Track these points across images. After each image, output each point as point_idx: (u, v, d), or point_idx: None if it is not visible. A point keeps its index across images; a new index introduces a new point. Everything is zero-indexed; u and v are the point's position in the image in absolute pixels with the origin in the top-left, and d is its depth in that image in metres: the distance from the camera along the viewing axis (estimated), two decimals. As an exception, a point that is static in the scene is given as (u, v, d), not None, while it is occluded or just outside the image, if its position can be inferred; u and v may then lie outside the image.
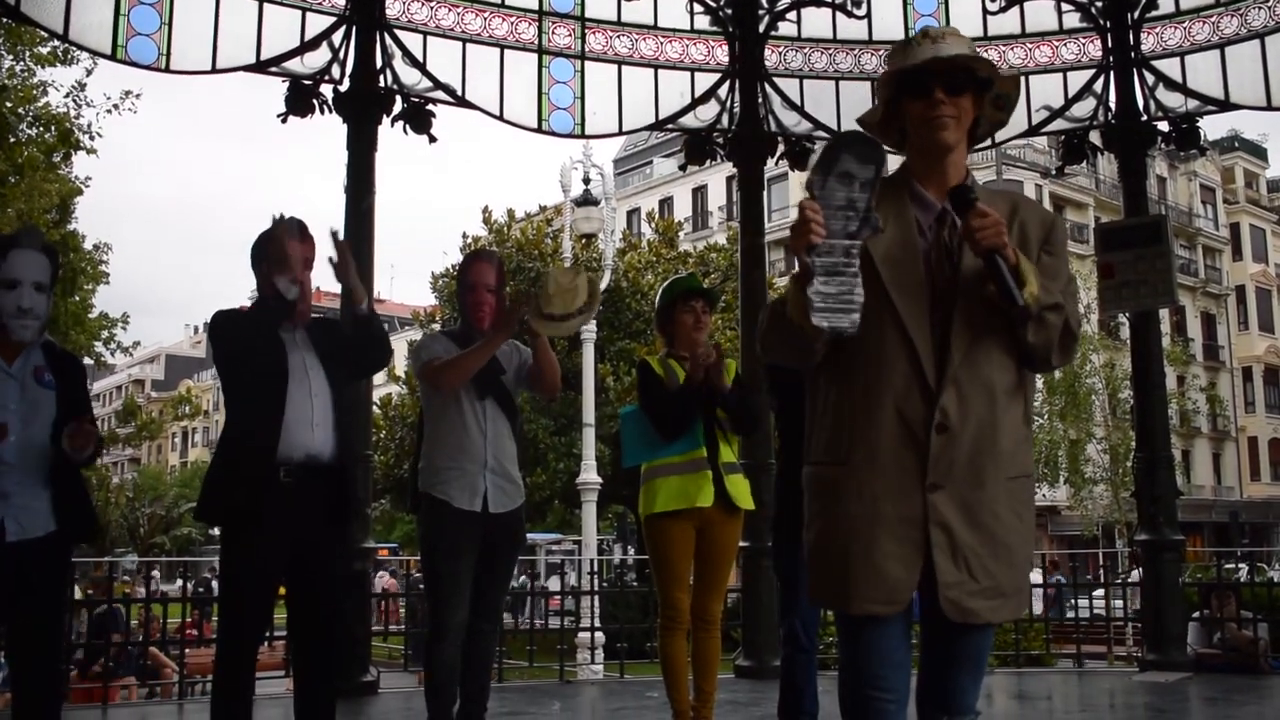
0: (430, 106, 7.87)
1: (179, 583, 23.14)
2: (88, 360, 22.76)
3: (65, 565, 4.20)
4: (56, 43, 14.22)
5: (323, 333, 4.39)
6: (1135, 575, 12.05)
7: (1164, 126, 8.56)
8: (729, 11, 8.57)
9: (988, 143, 2.74)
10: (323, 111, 7.60)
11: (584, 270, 4.75)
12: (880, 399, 2.55)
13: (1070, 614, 10.86)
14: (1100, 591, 11.90)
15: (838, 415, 2.62)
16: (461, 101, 7.95)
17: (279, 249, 4.16)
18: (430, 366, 4.80)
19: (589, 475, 15.05)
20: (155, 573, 26.59)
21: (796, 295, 2.48)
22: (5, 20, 11.29)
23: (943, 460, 2.52)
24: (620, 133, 8.90)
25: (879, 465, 2.54)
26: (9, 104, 14.54)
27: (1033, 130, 8.99)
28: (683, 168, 9.54)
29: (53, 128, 15.82)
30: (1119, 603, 10.98)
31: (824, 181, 2.48)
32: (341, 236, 4.53)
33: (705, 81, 8.58)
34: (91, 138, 16.31)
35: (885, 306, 2.53)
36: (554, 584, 20.98)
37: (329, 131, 7.62)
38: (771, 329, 2.66)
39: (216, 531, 4.57)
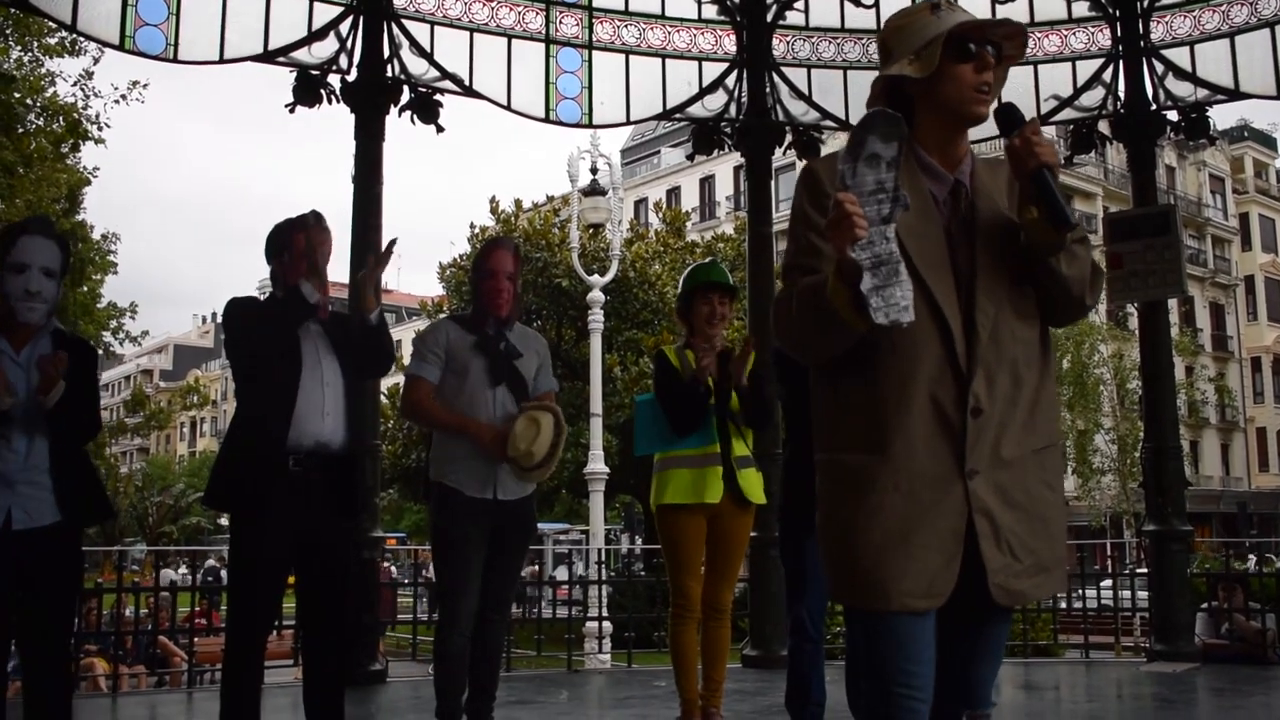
0: (438, 96, 7.87)
1: (182, 570, 23.22)
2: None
3: (75, 553, 4.20)
4: (64, 33, 14.26)
5: (337, 323, 4.40)
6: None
7: (1173, 116, 8.54)
8: (736, 1, 8.55)
9: (995, 131, 2.67)
10: (330, 102, 7.61)
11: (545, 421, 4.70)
12: (915, 383, 2.44)
13: (1078, 604, 10.83)
14: (1108, 582, 11.89)
15: (869, 401, 2.48)
16: (469, 91, 7.95)
17: (311, 251, 4.18)
18: (415, 393, 4.81)
19: (596, 465, 15.03)
20: (168, 567, 26.58)
21: (843, 293, 2.34)
22: (13, 10, 11.30)
23: (980, 444, 2.44)
24: (628, 122, 8.89)
25: (916, 453, 2.43)
26: (17, 94, 14.57)
27: (1041, 119, 8.94)
28: (690, 157, 9.52)
29: (61, 118, 15.86)
30: (1126, 593, 10.97)
31: (854, 168, 2.37)
32: (385, 240, 4.53)
33: (713, 71, 8.57)
34: (100, 128, 16.36)
35: (917, 287, 2.41)
36: (562, 573, 21.06)
37: (344, 122, 7.63)
38: (806, 322, 2.47)
39: (225, 520, 4.58)
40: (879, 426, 2.45)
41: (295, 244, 4.27)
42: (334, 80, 7.61)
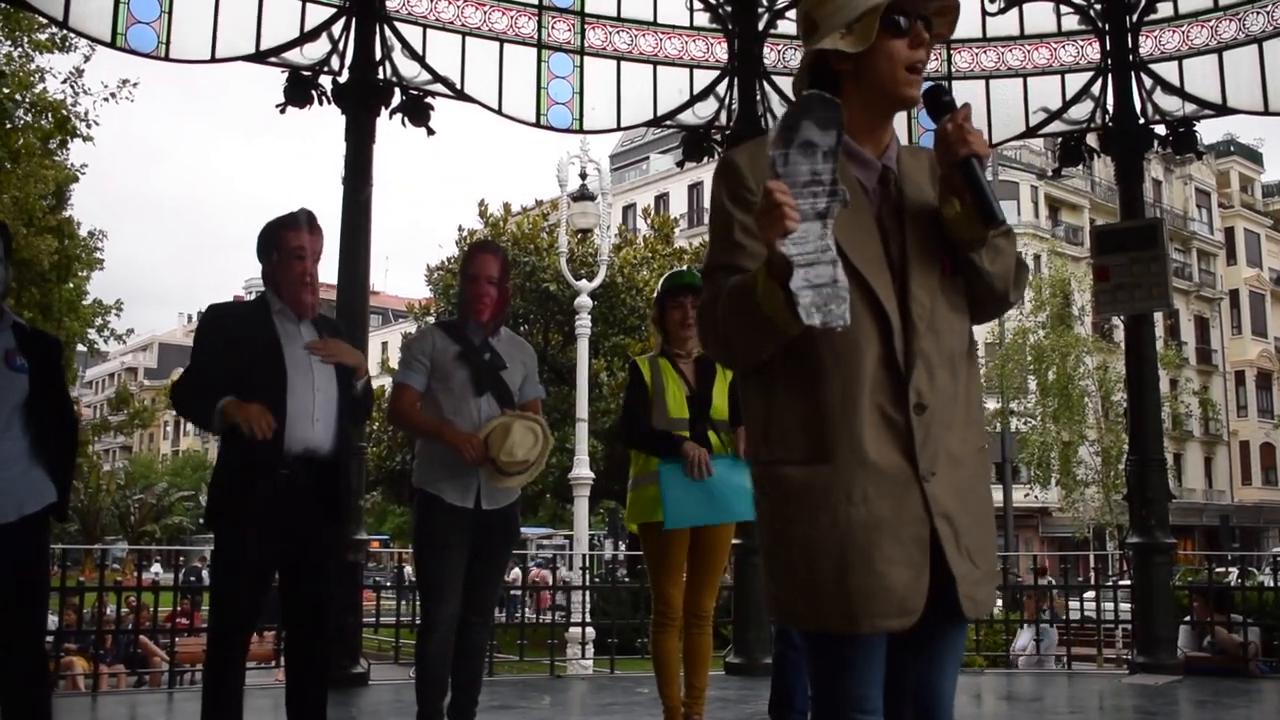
0: (429, 99, 7.87)
1: (155, 568, 23.05)
2: (80, 347, 22.76)
3: (43, 549, 4.15)
4: (54, 29, 14.22)
5: (328, 327, 4.38)
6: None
7: (1161, 130, 8.58)
8: (728, 9, 8.56)
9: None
10: (321, 103, 7.60)
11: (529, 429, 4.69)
12: (857, 383, 2.26)
13: (1061, 615, 10.88)
14: (1091, 593, 11.92)
15: (807, 405, 2.29)
16: (460, 95, 7.95)
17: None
18: (399, 400, 4.82)
19: (581, 470, 15.04)
20: (147, 562, 26.49)
21: (772, 291, 2.14)
22: (4, 5, 11.26)
23: (929, 443, 2.27)
24: (618, 128, 8.90)
25: (867, 459, 2.24)
26: (6, 90, 14.52)
27: (1030, 132, 9.00)
28: (680, 164, 9.53)
29: (49, 114, 15.82)
30: (1109, 605, 11.00)
31: (786, 155, 2.13)
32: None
33: (704, 78, 8.58)
34: (88, 125, 16.32)
35: (853, 280, 2.21)
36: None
37: (336, 123, 7.61)
38: (733, 323, 2.28)
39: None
40: (821, 433, 2.27)
41: (284, 243, 4.25)
42: (325, 81, 7.61)
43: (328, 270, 4.53)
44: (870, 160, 2.42)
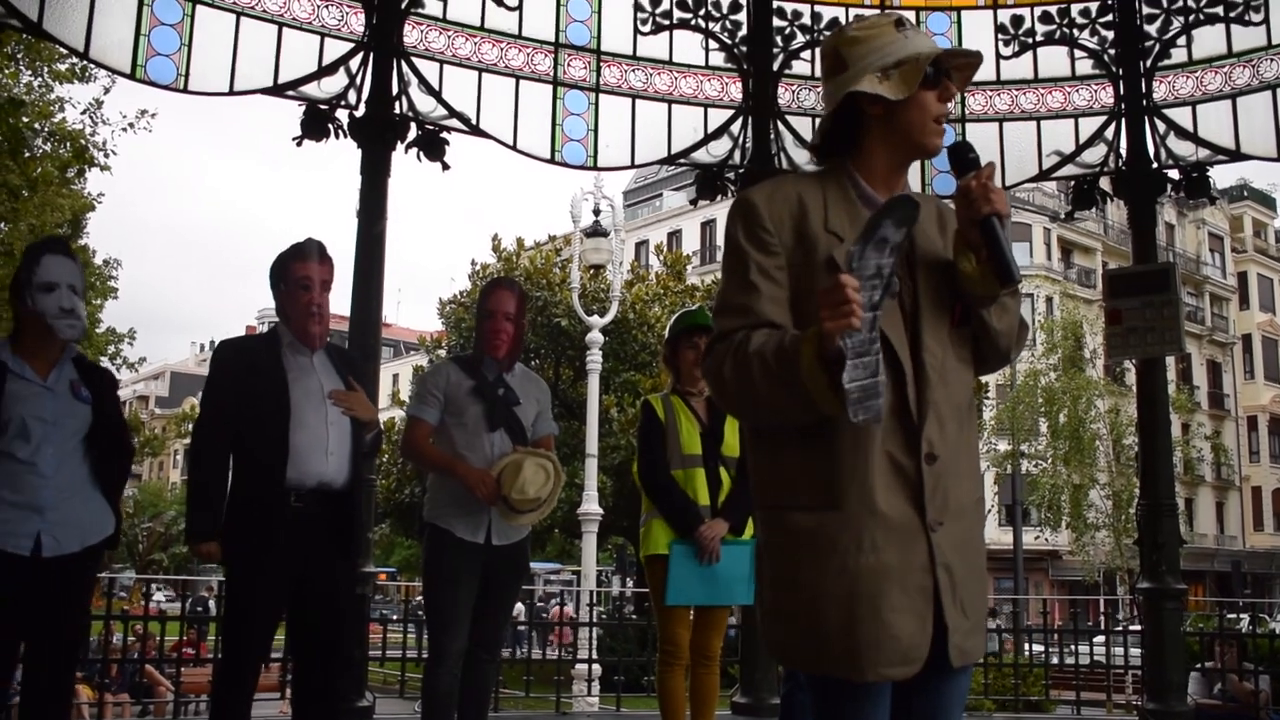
0: (444, 134, 7.91)
1: (158, 596, 22.94)
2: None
3: (93, 580, 4.22)
4: (74, 60, 14.34)
5: (345, 362, 4.42)
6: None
7: (1174, 174, 8.57)
8: (743, 49, 8.61)
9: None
10: (338, 136, 7.64)
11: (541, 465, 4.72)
12: (870, 431, 2.25)
13: (1070, 660, 10.79)
14: (1101, 638, 11.83)
15: (818, 452, 2.29)
16: (476, 130, 7.99)
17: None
18: (413, 433, 4.82)
19: (590, 506, 15.01)
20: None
21: (817, 375, 2.15)
22: (25, 35, 11.37)
23: (937, 494, 2.29)
24: (632, 165, 8.93)
25: (876, 507, 2.24)
26: (25, 119, 14.63)
27: (1043, 175, 9.00)
28: (694, 202, 9.55)
29: (68, 144, 15.93)
30: (1119, 650, 10.93)
31: (862, 251, 2.15)
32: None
33: (718, 117, 8.61)
34: (106, 155, 16.43)
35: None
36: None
37: (354, 156, 7.64)
38: (769, 393, 2.25)
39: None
40: (830, 479, 2.28)
41: (291, 274, 4.28)
42: (342, 115, 7.65)
43: (340, 302, 4.55)
44: None
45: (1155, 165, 8.52)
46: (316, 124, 7.58)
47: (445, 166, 7.90)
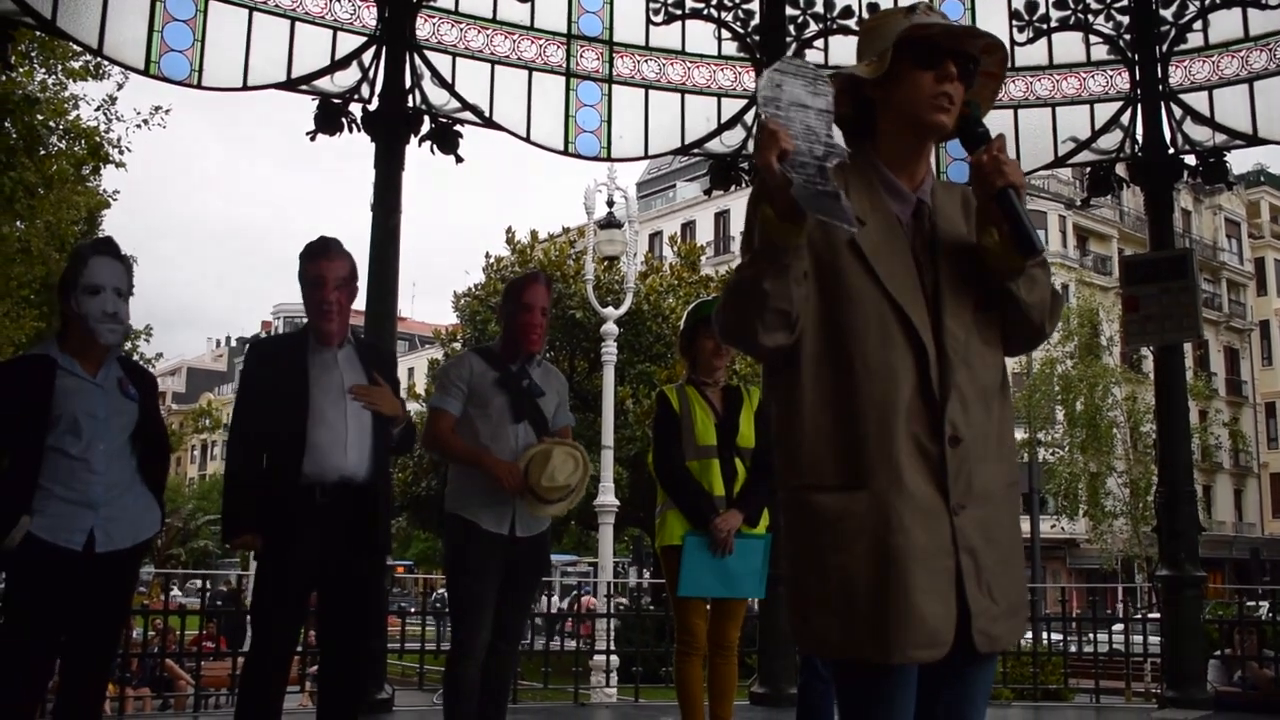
0: (458, 127, 7.91)
1: (175, 592, 23.06)
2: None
3: (136, 576, 4.26)
4: (88, 57, 14.37)
5: (369, 351, 4.45)
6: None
7: (1191, 160, 8.53)
8: (755, 38, 8.59)
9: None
10: (351, 130, 7.65)
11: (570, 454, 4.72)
12: (895, 411, 2.27)
13: (1089, 648, 10.76)
14: (1119, 626, 11.80)
15: (843, 431, 2.29)
16: (489, 122, 7.99)
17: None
18: (436, 425, 4.83)
19: (606, 498, 15.03)
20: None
21: (770, 201, 2.18)
22: (39, 33, 11.40)
23: (961, 476, 2.28)
24: (646, 156, 8.92)
25: (904, 488, 2.24)
26: (40, 116, 14.67)
27: (1059, 161, 8.97)
28: (707, 192, 9.54)
29: (82, 141, 15.96)
30: (1138, 638, 10.89)
31: (776, 105, 2.17)
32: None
33: (732, 107, 8.60)
34: (121, 152, 16.46)
35: (889, 310, 2.30)
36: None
37: (369, 150, 7.64)
38: (754, 275, 2.26)
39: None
40: (856, 459, 2.28)
41: (305, 272, 4.34)
42: (356, 109, 7.66)
43: (359, 297, 4.58)
44: (905, 193, 2.45)
45: (1172, 151, 8.48)
46: (330, 118, 7.60)
47: (459, 159, 7.90)
